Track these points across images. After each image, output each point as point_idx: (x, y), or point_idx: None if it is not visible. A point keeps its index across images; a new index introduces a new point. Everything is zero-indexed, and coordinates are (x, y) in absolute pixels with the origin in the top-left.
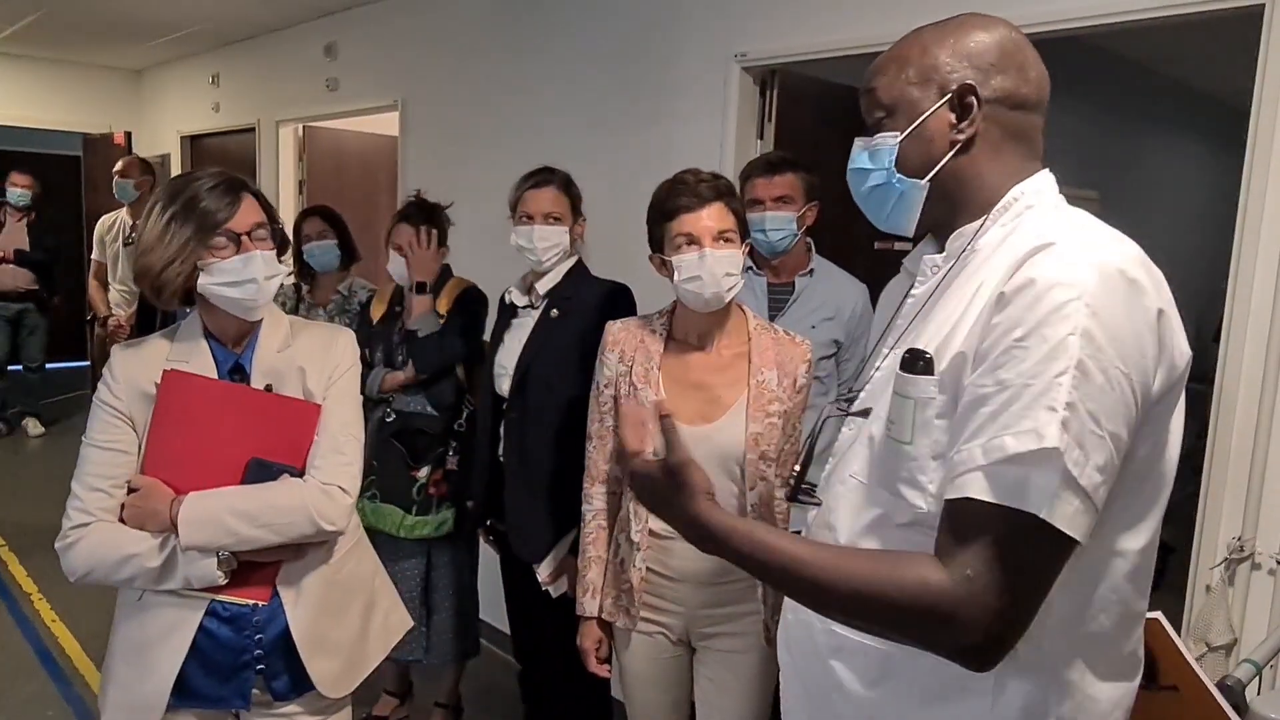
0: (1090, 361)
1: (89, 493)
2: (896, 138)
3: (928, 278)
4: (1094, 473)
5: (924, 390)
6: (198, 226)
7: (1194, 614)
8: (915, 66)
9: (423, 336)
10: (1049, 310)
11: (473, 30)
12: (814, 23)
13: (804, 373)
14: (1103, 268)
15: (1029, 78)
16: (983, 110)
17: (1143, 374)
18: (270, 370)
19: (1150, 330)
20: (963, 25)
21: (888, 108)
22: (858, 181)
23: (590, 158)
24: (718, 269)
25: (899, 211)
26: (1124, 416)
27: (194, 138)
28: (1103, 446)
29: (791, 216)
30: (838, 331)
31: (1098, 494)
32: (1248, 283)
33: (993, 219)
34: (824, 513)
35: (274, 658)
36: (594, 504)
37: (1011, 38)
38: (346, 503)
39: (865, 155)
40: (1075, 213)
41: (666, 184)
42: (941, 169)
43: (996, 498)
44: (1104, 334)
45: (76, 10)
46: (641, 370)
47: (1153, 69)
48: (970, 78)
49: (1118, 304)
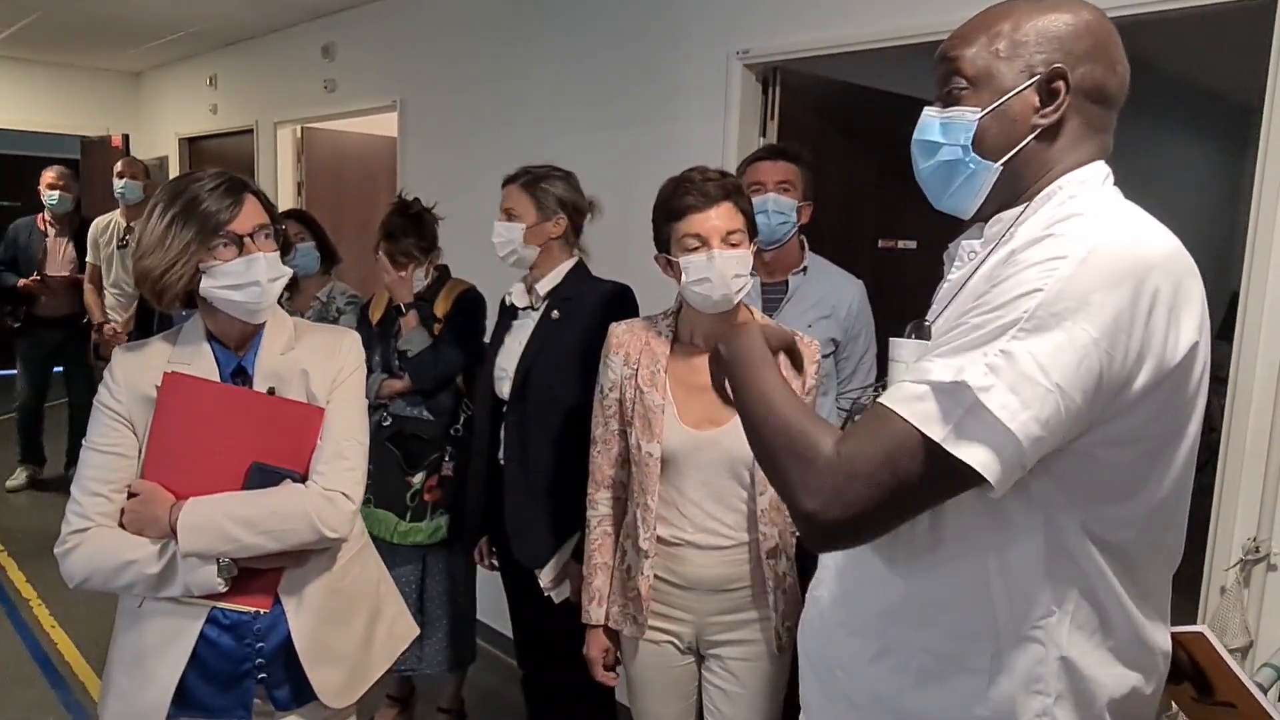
0: (1051, 318)
1: (88, 497)
2: (977, 113)
3: (965, 263)
4: (1032, 423)
5: (914, 353)
6: (199, 228)
7: (1209, 616)
8: (1006, 40)
9: (414, 356)
10: (1028, 265)
11: (471, 29)
12: (816, 19)
13: (813, 373)
14: (1110, 241)
15: (1116, 70)
16: (1070, 98)
17: (1117, 346)
18: (273, 373)
19: (1143, 313)
20: (1056, 5)
21: (971, 79)
22: (925, 154)
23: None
24: (727, 270)
25: (964, 192)
26: (1082, 380)
27: (192, 140)
28: (1049, 399)
29: (794, 204)
30: (835, 330)
31: (1035, 444)
32: (1261, 280)
33: (1034, 207)
34: None
35: (275, 667)
36: (599, 510)
37: (1105, 26)
38: (349, 509)
39: (938, 126)
40: (1121, 204)
41: (672, 182)
42: (1018, 154)
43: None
44: (1076, 294)
45: (73, 13)
46: (648, 373)
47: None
48: (1061, 61)
49: (1105, 273)
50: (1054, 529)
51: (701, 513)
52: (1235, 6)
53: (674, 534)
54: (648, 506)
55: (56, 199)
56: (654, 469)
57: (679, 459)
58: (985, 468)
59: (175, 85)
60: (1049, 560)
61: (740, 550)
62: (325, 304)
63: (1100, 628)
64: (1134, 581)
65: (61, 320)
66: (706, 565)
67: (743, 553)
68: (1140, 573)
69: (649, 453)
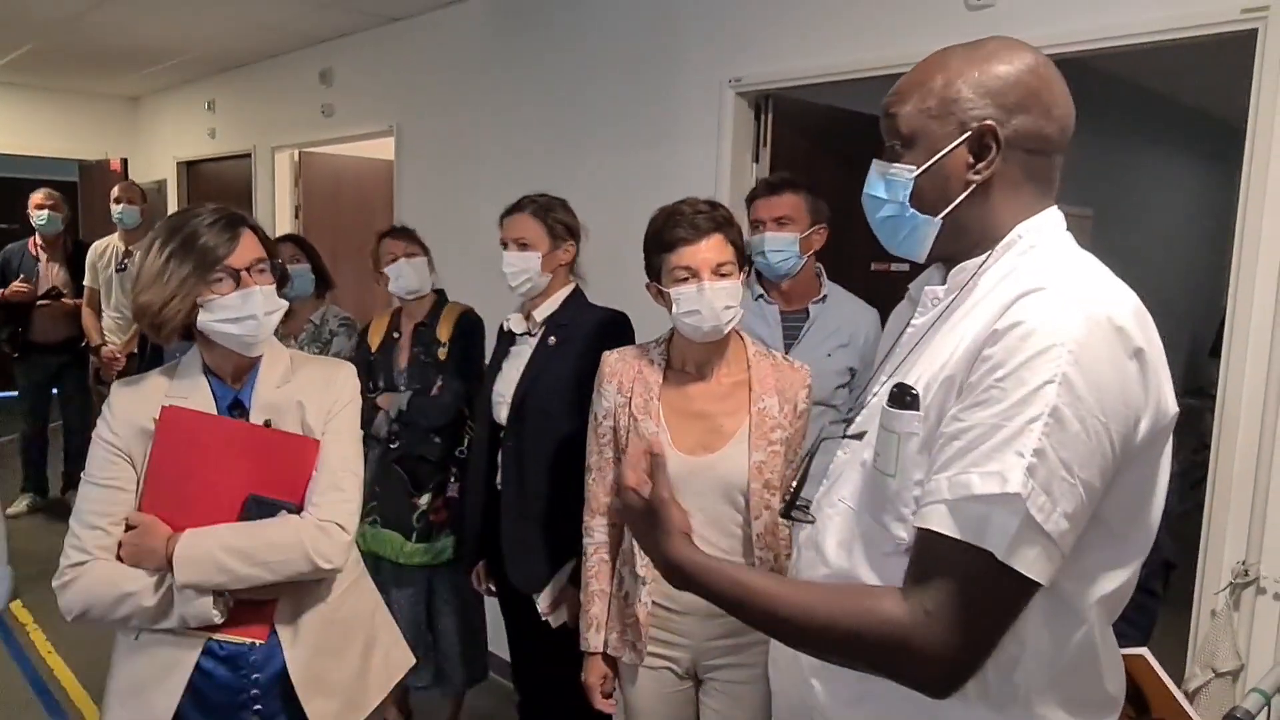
0: (1067, 409)
1: (87, 530)
2: (913, 171)
3: (928, 309)
4: (1061, 519)
5: (908, 425)
6: (197, 263)
7: (1199, 639)
8: (937, 98)
9: (406, 413)
10: (1031, 354)
11: (467, 55)
12: (808, 47)
13: (804, 398)
14: (1090, 314)
15: (1053, 116)
16: (1002, 153)
17: (1122, 423)
18: (269, 405)
19: (1135, 380)
20: (990, 56)
21: (905, 138)
22: (872, 208)
23: (585, 182)
24: (717, 302)
25: (910, 242)
26: (1099, 465)
27: (190, 164)
28: (1073, 493)
29: (793, 238)
30: (853, 359)
31: (1065, 540)
32: (1247, 300)
33: (995, 256)
34: (814, 532)
35: (271, 698)
36: (595, 537)
37: (1040, 72)
38: (344, 540)
39: (881, 184)
40: (1078, 255)
41: (663, 213)
42: (955, 207)
43: (958, 533)
44: (1084, 382)
45: (73, 39)
46: (641, 401)
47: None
48: (992, 117)
49: (1102, 352)
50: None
51: (697, 538)
52: (1218, 37)
53: None
54: None
55: (45, 219)
56: None
57: (674, 485)
58: (1041, 575)
59: (174, 110)
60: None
61: None
62: (318, 327)
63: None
64: (1105, 636)
65: (59, 345)
66: None
67: None
68: (1107, 624)
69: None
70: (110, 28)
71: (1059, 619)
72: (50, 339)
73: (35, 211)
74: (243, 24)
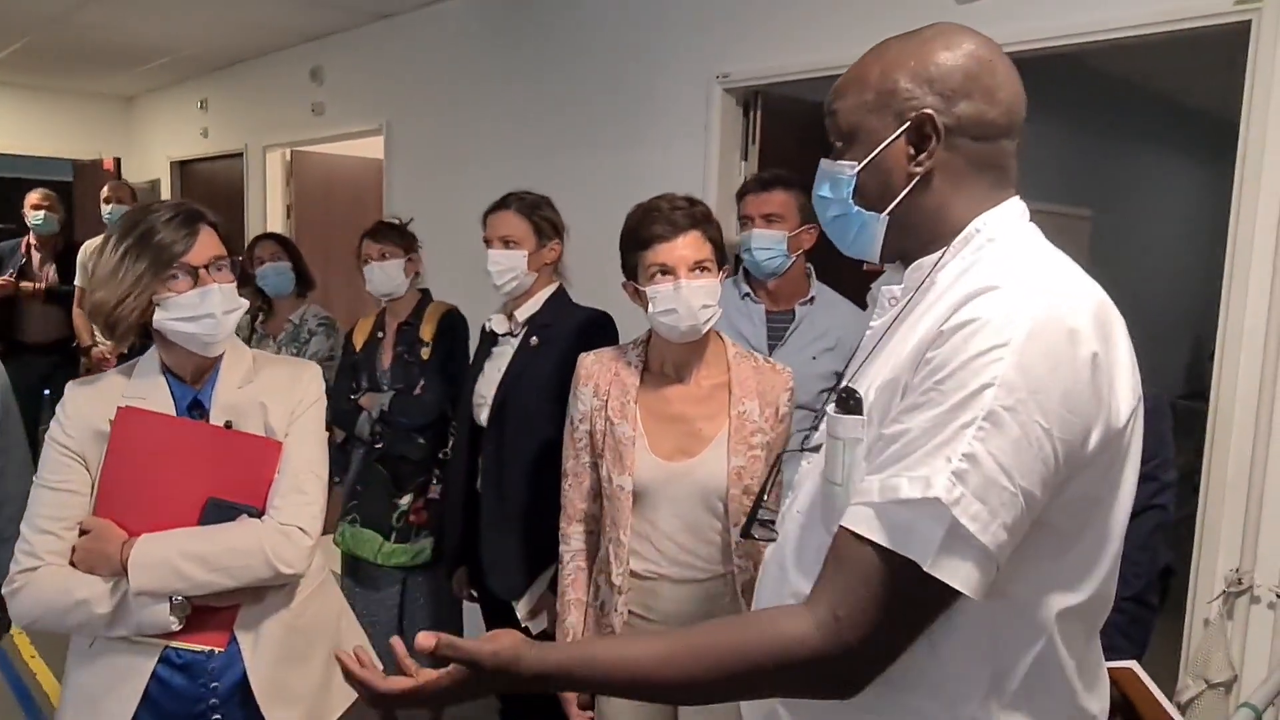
0: (1006, 414)
1: (37, 535)
2: (854, 168)
3: (886, 310)
4: (1000, 530)
5: (851, 430)
6: (153, 260)
7: (1192, 649)
8: (874, 90)
9: (388, 413)
10: (972, 355)
11: (456, 54)
12: (797, 42)
13: (786, 401)
14: (1039, 316)
15: (997, 100)
16: (943, 142)
17: (1067, 430)
18: (230, 406)
19: (1085, 385)
20: (926, 43)
21: (845, 135)
22: (822, 209)
23: (573, 180)
24: (694, 301)
25: (861, 242)
26: (1040, 474)
27: (183, 163)
28: (1013, 503)
29: (781, 236)
30: (838, 363)
31: (1001, 550)
32: (1240, 302)
33: (952, 251)
34: (777, 548)
35: (230, 707)
36: (571, 544)
37: (979, 56)
38: (306, 544)
39: (827, 184)
40: (1039, 249)
41: (639, 210)
42: (900, 202)
43: (882, 539)
44: (1026, 386)
45: (65, 37)
46: (618, 404)
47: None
48: (930, 105)
49: (1046, 356)
50: (1001, 607)
51: (675, 546)
52: (1211, 29)
53: (648, 568)
54: (620, 541)
55: (42, 219)
56: (625, 502)
57: (651, 491)
58: (967, 585)
59: (167, 109)
60: (992, 642)
61: (716, 583)
62: (297, 326)
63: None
64: (1073, 650)
65: (50, 346)
66: (681, 600)
67: (719, 586)
68: (1081, 639)
69: (620, 485)
70: (101, 25)
71: (1011, 629)
72: (41, 340)
73: (31, 212)
74: (233, 21)
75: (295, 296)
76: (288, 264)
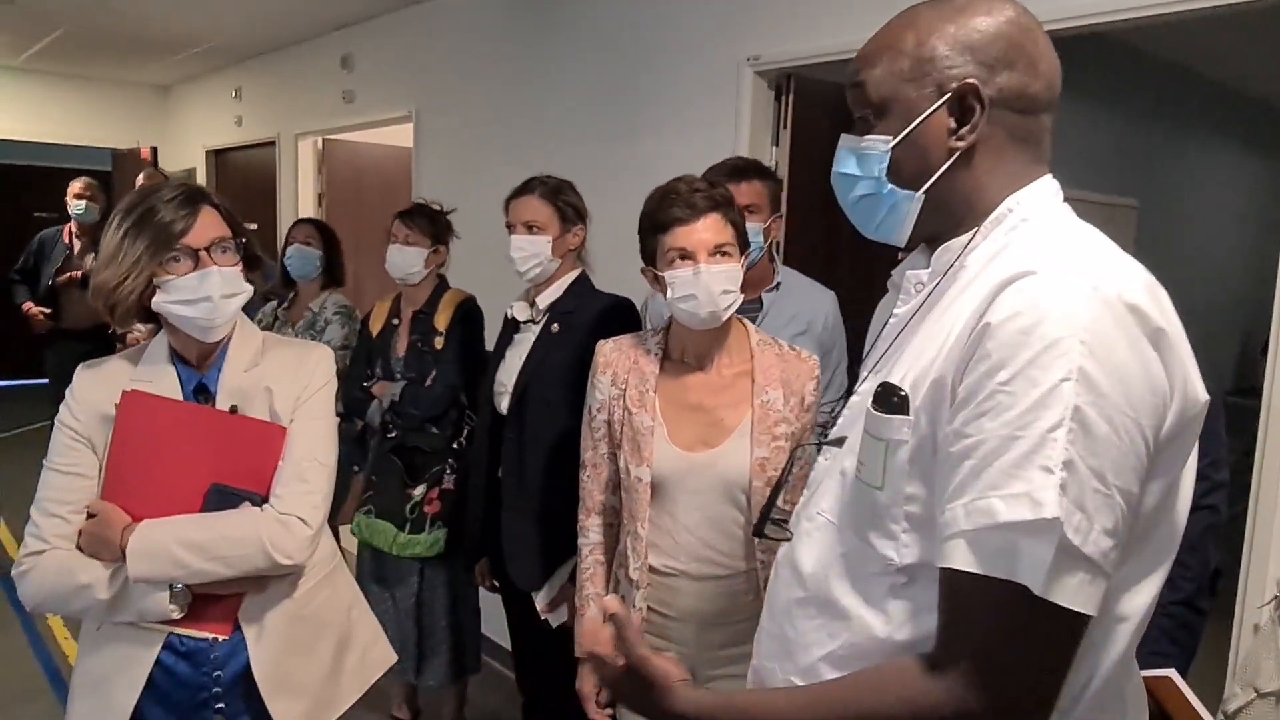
0: (1090, 409)
1: (46, 519)
2: (888, 143)
3: (911, 296)
4: (1102, 537)
5: (897, 431)
6: (152, 241)
7: (1241, 656)
8: (910, 58)
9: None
10: (1039, 349)
11: (484, 40)
12: (831, 23)
13: (811, 390)
14: (1098, 294)
15: (1039, 72)
16: (987, 114)
17: (1153, 415)
18: (236, 390)
19: (1158, 363)
20: (964, 8)
21: (877, 106)
22: (844, 189)
23: (602, 167)
24: (714, 286)
25: (890, 223)
26: (1134, 468)
27: (218, 152)
28: (1110, 506)
29: (759, 228)
30: (811, 346)
31: (1107, 560)
32: None
33: (983, 233)
34: (789, 549)
35: (234, 696)
36: (590, 537)
37: (1021, 23)
38: (306, 535)
39: (852, 160)
40: (1077, 229)
41: (658, 193)
42: (938, 180)
43: (983, 568)
44: (1105, 375)
45: (100, 26)
46: (636, 393)
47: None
48: (973, 75)
49: (1118, 336)
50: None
51: (696, 540)
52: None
53: (667, 563)
54: (638, 535)
55: (83, 209)
56: (644, 494)
57: (670, 483)
58: (1088, 605)
59: (202, 98)
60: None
61: (737, 580)
62: (315, 314)
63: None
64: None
65: (87, 332)
66: (702, 597)
67: (740, 583)
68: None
69: (638, 477)
70: (136, 13)
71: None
72: (79, 326)
73: (74, 201)
74: (266, 8)
75: (320, 285)
76: (317, 251)
